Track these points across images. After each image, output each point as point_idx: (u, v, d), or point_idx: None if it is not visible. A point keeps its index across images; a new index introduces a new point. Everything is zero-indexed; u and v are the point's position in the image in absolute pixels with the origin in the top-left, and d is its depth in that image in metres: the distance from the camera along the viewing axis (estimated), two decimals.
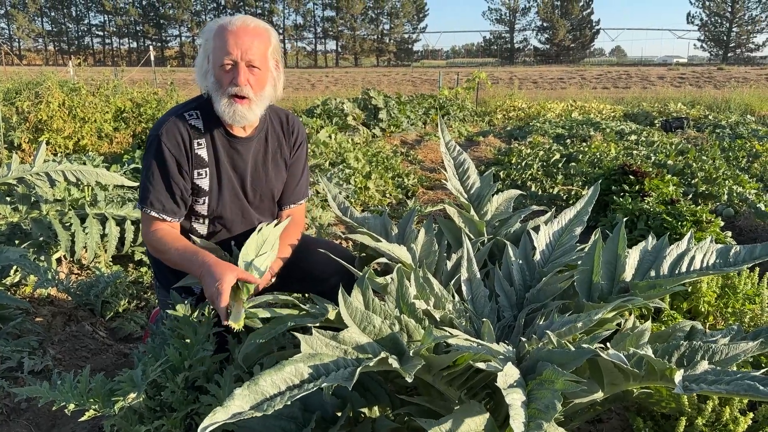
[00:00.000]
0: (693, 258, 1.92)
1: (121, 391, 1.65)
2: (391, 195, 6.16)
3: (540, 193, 5.80)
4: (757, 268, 2.74)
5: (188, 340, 1.81)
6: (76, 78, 10.29)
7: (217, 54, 2.00)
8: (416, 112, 12.72)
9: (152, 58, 19.42)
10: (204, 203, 2.14)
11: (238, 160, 2.17)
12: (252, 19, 2.07)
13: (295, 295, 2.80)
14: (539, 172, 6.58)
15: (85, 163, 4.39)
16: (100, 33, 79.94)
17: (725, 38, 66.76)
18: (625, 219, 3.76)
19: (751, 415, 1.76)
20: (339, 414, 1.82)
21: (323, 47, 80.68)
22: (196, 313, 1.88)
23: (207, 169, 2.10)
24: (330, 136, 8.04)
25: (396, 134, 10.98)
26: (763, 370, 1.47)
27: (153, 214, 2.05)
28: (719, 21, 67.08)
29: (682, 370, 1.46)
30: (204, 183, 2.10)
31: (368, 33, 76.01)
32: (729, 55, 65.66)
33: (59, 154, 6.62)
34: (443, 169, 2.53)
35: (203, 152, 2.09)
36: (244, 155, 2.18)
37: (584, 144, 8.08)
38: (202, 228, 2.19)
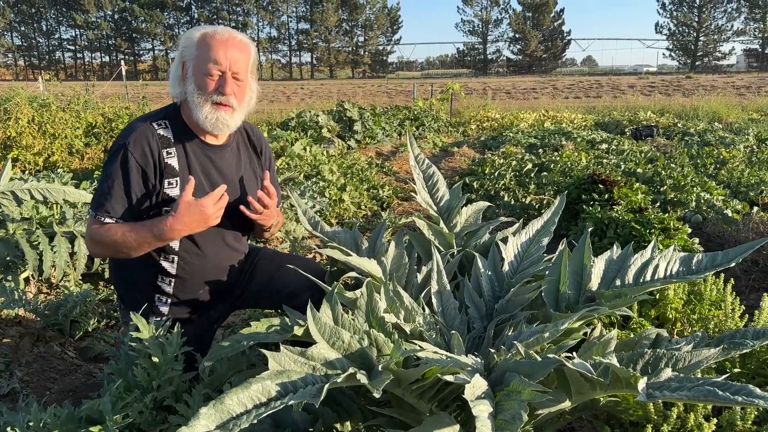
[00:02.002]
0: (657, 266, 1.96)
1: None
2: (366, 207, 6.17)
3: (513, 202, 5.86)
4: (722, 275, 2.80)
5: (156, 360, 1.79)
6: (47, 93, 10.18)
7: (201, 62, 2.01)
8: (391, 124, 12.78)
9: (124, 72, 19.25)
10: None
11: (211, 168, 2.15)
12: (236, 31, 2.10)
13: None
14: (512, 182, 6.64)
15: (53, 181, 4.33)
16: (72, 47, 79.11)
17: (693, 47, 68.30)
18: (594, 228, 3.83)
19: (715, 420, 1.79)
20: (311, 430, 1.81)
21: (298, 59, 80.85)
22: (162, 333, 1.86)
23: (178, 178, 2.07)
24: (305, 149, 8.04)
25: (371, 146, 11.01)
26: (724, 376, 1.50)
27: (106, 221, 2.01)
28: (687, 30, 68.64)
29: (645, 378, 1.48)
30: (175, 192, 2.07)
31: (343, 45, 76.30)
32: (697, 63, 67.17)
33: (27, 171, 6.52)
34: (413, 182, 2.55)
35: (173, 161, 2.06)
36: (218, 163, 2.16)
37: (556, 153, 8.19)
38: (174, 241, 2.15)
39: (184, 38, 2.08)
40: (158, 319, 2.15)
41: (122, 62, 21.76)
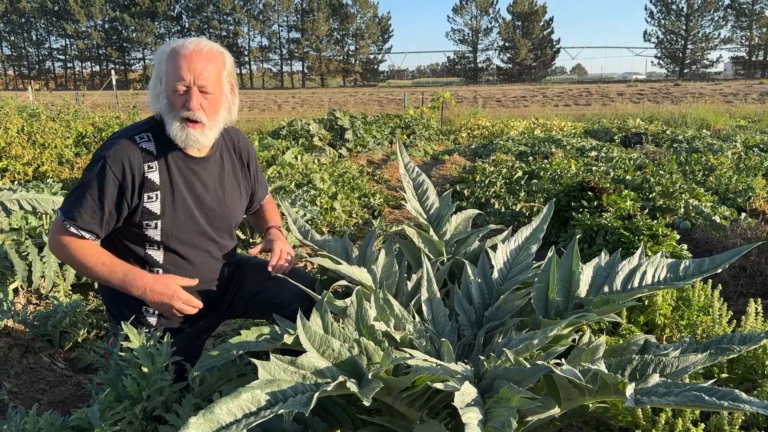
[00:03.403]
0: (644, 273, 1.98)
1: None
2: (357, 215, 6.17)
3: (503, 210, 5.88)
4: (711, 280, 2.82)
5: (146, 370, 1.79)
6: (36, 103, 10.14)
7: (170, 78, 1.98)
8: (382, 132, 12.81)
9: (114, 81, 19.21)
10: (156, 227, 2.08)
11: (194, 181, 2.13)
12: (206, 42, 2.04)
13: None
14: (502, 190, 6.67)
15: (42, 191, 4.31)
16: (62, 57, 78.87)
17: (681, 55, 68.94)
18: (583, 234, 3.85)
19: (703, 426, 1.81)
20: None
21: (289, 68, 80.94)
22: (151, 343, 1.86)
23: (158, 192, 2.05)
24: (296, 158, 8.03)
25: (362, 154, 11.03)
26: (710, 381, 1.51)
27: (72, 229, 1.99)
28: (675, 38, 69.31)
29: (633, 384, 1.49)
30: (155, 206, 2.05)
31: (334, 54, 76.48)
32: (685, 71, 67.81)
33: (16, 182, 6.48)
34: (404, 190, 2.56)
35: (155, 175, 2.04)
36: (202, 176, 2.15)
37: (546, 161, 8.22)
38: (157, 254, 2.13)
39: (157, 53, 2.06)
40: (147, 330, 2.15)
41: (112, 72, 21.73)
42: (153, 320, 2.18)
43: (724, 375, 2.15)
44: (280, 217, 2.59)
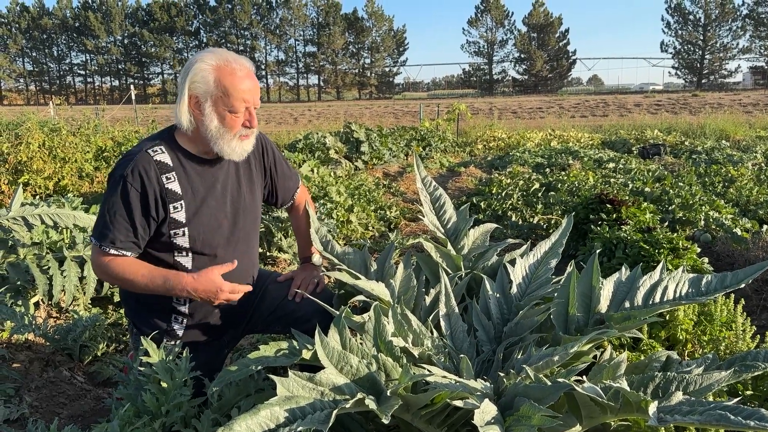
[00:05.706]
0: (666, 288, 1.95)
1: None
2: (373, 228, 6.18)
3: (521, 222, 5.85)
4: (733, 295, 2.77)
5: (165, 385, 1.79)
6: (57, 117, 10.30)
7: (226, 101, 2.00)
8: (398, 144, 12.84)
9: (133, 96, 19.48)
10: (184, 234, 2.09)
11: (214, 182, 2.15)
12: (243, 59, 2.08)
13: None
14: (519, 202, 6.64)
15: (63, 206, 4.36)
16: (82, 72, 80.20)
17: (698, 65, 68.39)
18: (602, 248, 3.82)
19: None
20: None
21: (305, 81, 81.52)
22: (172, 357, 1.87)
23: (182, 201, 2.07)
24: (312, 170, 8.07)
25: (378, 166, 11.06)
26: (735, 400, 1.48)
27: (112, 251, 2.02)
28: (692, 49, 68.77)
29: (656, 402, 1.47)
30: (180, 215, 2.07)
31: (349, 67, 76.91)
32: (703, 81, 67.20)
33: (37, 196, 6.57)
34: (420, 204, 2.55)
35: (175, 186, 2.06)
36: (219, 176, 2.17)
37: (563, 173, 8.18)
38: (186, 260, 2.14)
39: (196, 71, 2.01)
40: (173, 342, 2.16)
41: (132, 86, 22.03)
42: (180, 331, 2.19)
43: (748, 392, 2.11)
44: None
